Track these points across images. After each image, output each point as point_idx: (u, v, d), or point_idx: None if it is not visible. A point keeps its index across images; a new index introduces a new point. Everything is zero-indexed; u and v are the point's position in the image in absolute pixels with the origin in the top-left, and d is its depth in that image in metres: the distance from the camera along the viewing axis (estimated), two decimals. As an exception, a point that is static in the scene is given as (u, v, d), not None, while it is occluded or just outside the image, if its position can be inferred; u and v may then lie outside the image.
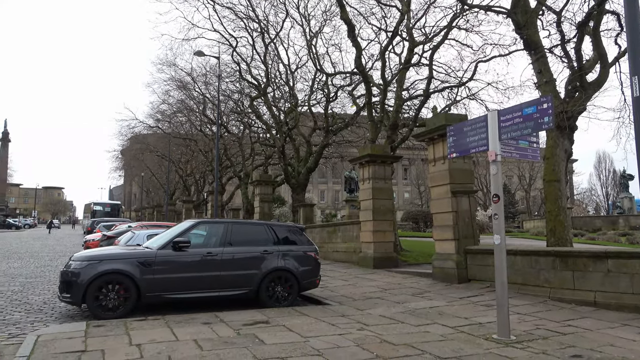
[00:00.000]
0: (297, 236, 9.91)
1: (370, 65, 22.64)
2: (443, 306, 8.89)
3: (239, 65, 27.04)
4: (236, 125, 36.21)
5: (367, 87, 19.64)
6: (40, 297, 10.09)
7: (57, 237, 42.42)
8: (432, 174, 12.95)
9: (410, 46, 18.64)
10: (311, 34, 23.63)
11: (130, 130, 47.29)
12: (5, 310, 8.55)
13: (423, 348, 5.99)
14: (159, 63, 35.27)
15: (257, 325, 7.20)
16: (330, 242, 19.32)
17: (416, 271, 13.97)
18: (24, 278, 13.07)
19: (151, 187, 66.39)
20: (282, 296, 9.15)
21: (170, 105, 40.27)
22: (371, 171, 15.94)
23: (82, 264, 8.07)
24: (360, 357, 5.61)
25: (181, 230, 9.09)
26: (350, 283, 12.19)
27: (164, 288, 8.29)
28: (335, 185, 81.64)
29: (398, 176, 76.67)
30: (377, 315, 8.07)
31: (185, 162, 48.54)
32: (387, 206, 15.96)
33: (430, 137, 12.73)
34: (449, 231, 12.08)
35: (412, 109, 22.25)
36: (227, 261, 8.86)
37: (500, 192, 6.88)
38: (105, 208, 54.31)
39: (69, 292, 7.91)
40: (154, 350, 5.79)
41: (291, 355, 5.63)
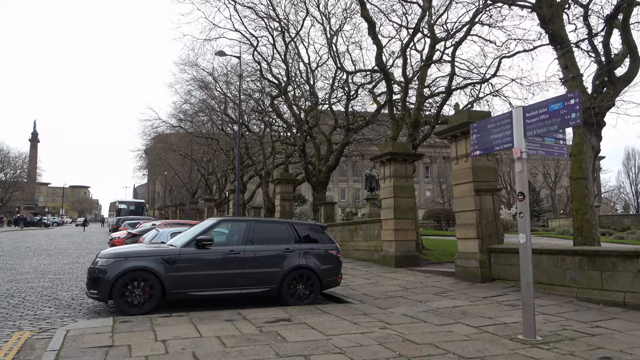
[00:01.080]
0: (318, 234, 9.92)
1: (391, 63, 22.50)
2: (466, 306, 8.78)
3: (259, 65, 27.21)
4: (257, 124, 36.45)
5: (388, 85, 19.51)
6: (69, 293, 10.36)
7: (84, 234, 43.48)
8: (455, 171, 12.80)
9: (432, 43, 18.43)
10: (331, 32, 23.62)
11: (153, 130, 48.15)
12: (36, 306, 8.81)
13: (446, 348, 5.93)
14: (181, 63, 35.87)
15: (280, 322, 7.24)
16: (351, 240, 19.28)
17: (438, 270, 13.84)
18: (53, 274, 13.43)
19: (174, 186, 67.41)
20: (304, 294, 9.18)
21: (192, 105, 40.81)
22: (392, 169, 15.83)
23: (108, 261, 8.24)
24: (382, 355, 5.59)
25: (204, 229, 9.20)
26: (372, 282, 12.15)
27: (187, 285, 8.41)
28: (356, 184, 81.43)
29: (419, 174, 76.03)
30: (399, 314, 8.02)
31: (207, 161, 49.13)
32: (408, 204, 15.84)
33: (452, 134, 12.58)
34: (472, 230, 11.92)
35: (434, 107, 22.00)
36: (249, 259, 8.93)
37: (526, 190, 6.76)
38: (130, 206, 55.39)
39: (96, 288, 8.09)
40: (179, 346, 5.88)
41: (313, 353, 5.65)
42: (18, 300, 9.28)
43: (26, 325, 7.29)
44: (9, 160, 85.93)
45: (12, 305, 8.77)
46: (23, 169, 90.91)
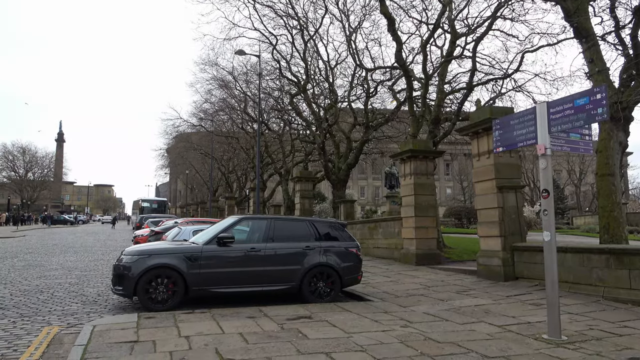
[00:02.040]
0: (338, 232, 9.92)
1: (411, 59, 22.29)
2: (489, 304, 8.67)
3: (278, 63, 27.30)
4: (276, 122, 36.61)
5: (407, 82, 19.35)
6: (95, 289, 10.60)
7: (108, 232, 44.40)
8: (477, 169, 12.63)
9: (453, 38, 18.20)
10: (350, 29, 23.52)
11: (174, 129, 48.84)
12: (64, 301, 9.05)
13: (469, 347, 5.87)
14: (202, 63, 36.08)
15: (300, 320, 7.27)
16: (371, 238, 19.23)
17: (460, 268, 13.69)
18: (79, 271, 13.76)
19: (195, 184, 68.26)
20: (324, 292, 9.19)
21: (212, 104, 41.22)
22: (413, 166, 15.72)
23: (133, 258, 8.41)
24: (404, 354, 5.56)
25: (225, 226, 9.29)
26: (392, 280, 12.10)
27: (209, 282, 8.51)
28: (375, 181, 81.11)
29: (440, 171, 75.24)
30: (420, 313, 7.97)
31: (227, 160, 49.59)
32: (429, 202, 15.71)
33: (474, 131, 12.42)
34: (494, 227, 11.76)
35: (455, 103, 21.74)
36: (270, 256, 8.99)
37: (550, 187, 6.63)
38: (152, 205, 56.33)
39: (121, 284, 8.26)
40: (202, 342, 5.96)
41: (335, 350, 5.66)
42: (47, 296, 9.55)
43: (55, 320, 7.49)
44: (36, 160, 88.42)
45: (41, 301, 9.03)
46: (50, 168, 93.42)
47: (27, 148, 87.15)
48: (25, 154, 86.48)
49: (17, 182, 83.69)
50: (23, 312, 7.99)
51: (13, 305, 8.61)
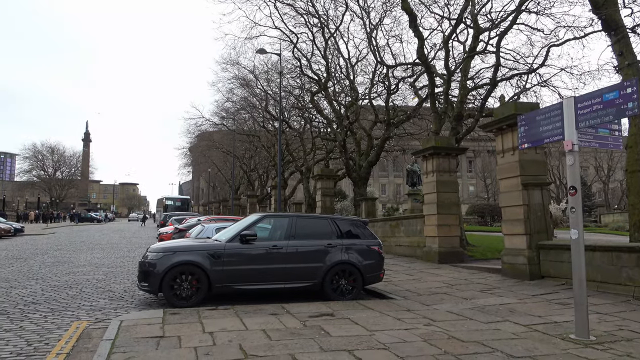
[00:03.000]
0: (360, 230, 9.90)
1: (433, 55, 22.03)
2: (514, 303, 8.53)
3: (299, 61, 27.35)
4: (297, 120, 36.71)
5: (429, 78, 19.14)
6: (121, 285, 10.84)
7: (133, 230, 45.29)
8: (501, 165, 12.42)
9: (475, 33, 17.91)
10: (371, 26, 23.37)
11: (197, 128, 49.51)
12: (92, 297, 9.28)
13: (494, 346, 5.78)
14: (223, 62, 36.50)
15: (323, 317, 7.28)
16: (392, 236, 19.12)
17: (484, 267, 13.50)
18: (106, 268, 14.08)
19: (217, 182, 69.07)
20: (346, 289, 9.19)
21: (234, 103, 41.60)
22: (435, 164, 15.56)
23: (158, 255, 8.56)
24: (427, 352, 5.52)
25: (248, 224, 9.36)
26: (415, 278, 12.01)
27: (232, 279, 8.60)
28: (397, 179, 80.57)
29: (462, 169, 74.30)
30: (443, 311, 7.90)
31: (249, 158, 50.00)
32: (452, 199, 15.53)
33: (498, 127, 12.20)
34: (519, 225, 11.55)
35: (478, 99, 21.41)
36: (292, 254, 9.03)
37: (578, 184, 6.47)
38: (176, 202, 57.20)
39: (147, 281, 8.42)
40: (225, 338, 6.03)
41: (357, 348, 5.65)
42: (75, 292, 9.80)
43: (83, 315, 7.69)
44: (64, 160, 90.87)
45: (70, 296, 9.28)
46: (77, 167, 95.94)
47: (56, 148, 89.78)
48: (54, 154, 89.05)
49: (46, 180, 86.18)
50: (53, 307, 8.23)
51: (44, 300, 8.88)
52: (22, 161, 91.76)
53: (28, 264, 14.88)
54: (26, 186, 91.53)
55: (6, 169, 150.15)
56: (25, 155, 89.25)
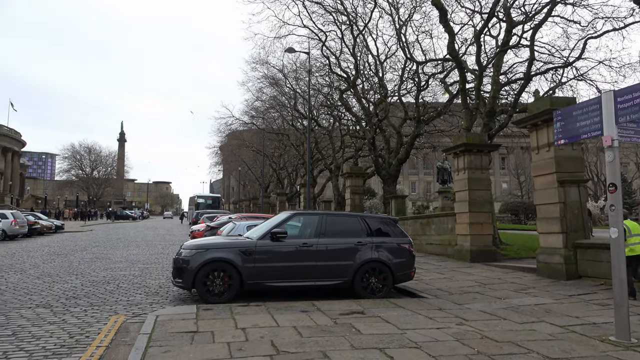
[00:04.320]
0: (390, 228, 9.83)
1: (464, 51, 21.65)
2: (550, 304, 8.31)
3: (328, 59, 27.35)
4: (326, 118, 36.74)
5: (460, 74, 18.81)
6: (156, 281, 11.13)
7: (167, 227, 46.39)
8: (536, 162, 12.10)
9: (508, 27, 17.48)
10: (400, 22, 23.14)
11: (227, 127, 50.24)
12: (128, 292, 9.58)
13: (529, 347, 5.66)
14: (252, 62, 36.70)
15: (353, 315, 7.29)
16: (423, 234, 18.92)
17: (518, 266, 13.20)
18: (141, 264, 14.49)
19: (247, 181, 69.92)
20: (377, 288, 9.16)
21: (263, 102, 42.00)
22: (467, 161, 15.30)
23: (191, 252, 8.75)
24: (460, 352, 5.45)
25: (278, 222, 9.45)
26: (446, 276, 11.86)
27: (263, 276, 8.70)
28: (427, 177, 79.55)
29: (495, 166, 72.68)
30: (476, 311, 7.77)
31: (278, 156, 50.41)
32: (484, 197, 15.24)
33: (533, 123, 11.89)
34: (555, 224, 11.24)
35: (511, 94, 20.90)
36: (322, 252, 9.05)
37: (617, 181, 6.25)
38: (207, 201, 58.11)
39: (180, 277, 8.62)
40: (257, 334, 6.12)
41: (388, 346, 5.63)
42: (113, 287, 10.13)
43: (121, 309, 7.95)
44: (101, 159, 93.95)
45: (108, 291, 9.60)
46: (113, 166, 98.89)
47: (92, 148, 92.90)
48: (91, 154, 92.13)
49: (84, 179, 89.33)
50: (93, 302, 8.53)
51: (84, 294, 9.22)
52: (62, 161, 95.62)
53: (68, 259, 15.47)
54: (65, 185, 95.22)
55: (47, 168, 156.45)
56: (64, 156, 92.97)
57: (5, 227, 24.26)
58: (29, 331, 6.42)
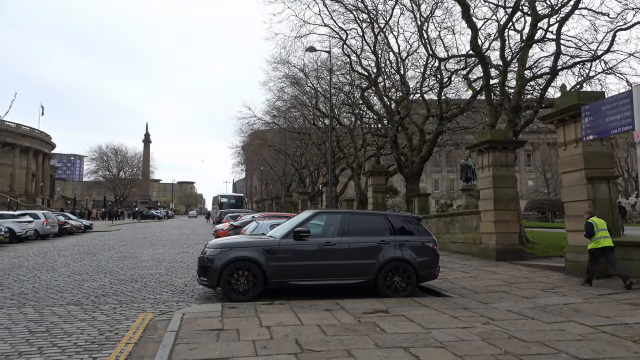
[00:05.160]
0: (414, 226, 9.76)
1: (487, 46, 21.29)
2: (579, 303, 8.12)
3: (349, 58, 27.27)
4: (347, 117, 36.66)
5: (484, 69, 18.51)
6: (182, 279, 11.32)
7: (191, 226, 47.08)
8: (563, 158, 11.83)
9: (533, 21, 17.10)
10: (422, 18, 22.90)
11: (249, 127, 50.70)
12: (155, 290, 9.76)
13: (558, 347, 5.54)
14: (274, 62, 36.93)
15: (377, 314, 7.27)
16: (447, 232, 18.72)
17: (545, 264, 12.94)
18: (167, 263, 14.75)
19: (269, 180, 70.34)
20: (401, 286, 9.10)
21: (284, 102, 42.17)
22: (491, 158, 15.06)
23: (215, 251, 8.86)
24: (487, 352, 5.38)
25: (301, 221, 9.48)
26: (471, 275, 11.70)
27: (287, 275, 8.75)
28: (450, 174, 78.63)
29: (520, 162, 71.24)
30: (503, 310, 7.65)
31: (300, 155, 50.56)
32: (509, 195, 14.98)
33: (560, 118, 11.61)
34: (584, 221, 10.94)
35: (537, 90, 20.48)
36: (345, 250, 9.05)
37: (650, 177, 6.06)
38: (230, 200, 58.79)
39: (206, 275, 8.74)
40: (282, 332, 6.16)
41: (413, 345, 5.60)
42: (140, 285, 10.35)
43: (148, 307, 8.11)
44: (127, 160, 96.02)
45: (136, 290, 9.81)
46: (138, 167, 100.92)
47: (119, 149, 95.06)
48: (117, 155, 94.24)
49: (111, 180, 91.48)
50: (121, 299, 8.74)
51: (113, 292, 9.44)
52: (90, 162, 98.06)
53: (97, 258, 15.86)
54: (93, 186, 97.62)
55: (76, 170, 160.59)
56: (92, 157, 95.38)
57: (38, 226, 25.04)
58: (61, 328, 6.61)
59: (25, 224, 23.92)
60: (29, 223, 24.24)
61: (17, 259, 15.74)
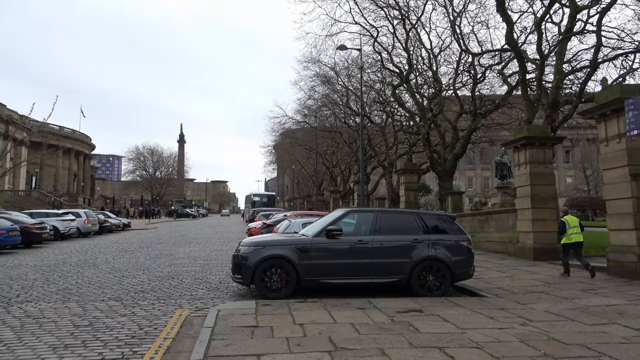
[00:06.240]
0: (448, 225, 9.61)
1: (523, 40, 20.70)
2: (623, 305, 7.81)
3: (380, 55, 27.07)
4: (379, 115, 36.42)
5: (520, 64, 18.02)
6: (217, 277, 11.54)
7: (225, 224, 47.89)
8: (605, 155, 11.38)
9: (572, 12, 16.52)
10: (454, 13, 22.48)
11: (281, 127, 51.07)
12: (191, 287, 10.00)
13: (600, 350, 5.35)
14: (304, 61, 37.08)
15: (411, 313, 7.21)
16: (482, 231, 18.34)
17: (586, 265, 12.47)
18: (202, 260, 15.06)
19: (301, 179, 70.72)
20: (434, 286, 8.98)
21: (315, 100, 42.28)
22: (528, 155, 14.65)
23: (249, 248, 8.98)
24: (525, 353, 5.24)
25: (333, 219, 9.49)
26: (508, 275, 11.43)
27: (319, 273, 8.78)
28: (484, 172, 76.93)
29: (558, 159, 68.95)
30: (541, 311, 7.44)
31: (331, 154, 50.61)
32: (547, 192, 14.54)
33: (601, 113, 11.17)
34: (628, 220, 10.52)
35: (576, 84, 19.77)
36: (377, 249, 9.00)
37: (701, 174, 5.77)
38: (262, 199, 59.40)
39: (240, 273, 8.88)
40: (315, 330, 6.20)
41: (448, 345, 5.53)
42: (177, 282, 10.61)
43: (185, 303, 8.31)
44: (162, 160, 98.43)
45: (173, 286, 10.07)
46: (173, 167, 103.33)
47: (155, 149, 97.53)
48: (154, 155, 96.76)
49: (147, 180, 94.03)
50: (159, 295, 8.99)
51: (151, 289, 9.72)
52: (127, 162, 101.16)
53: (135, 255, 16.37)
54: (131, 185, 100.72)
55: (114, 170, 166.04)
56: (129, 157, 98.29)
57: (80, 225, 26.08)
58: (103, 322, 6.87)
59: (68, 222, 24.97)
60: (72, 221, 25.29)
61: (61, 255, 16.44)
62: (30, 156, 54.45)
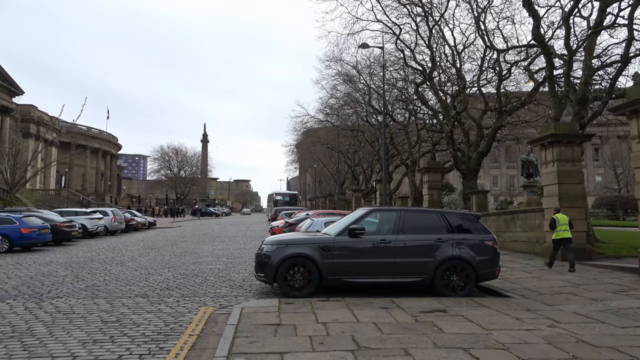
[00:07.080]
0: (472, 224, 9.46)
1: (551, 35, 20.24)
2: (656, 307, 7.55)
3: (402, 53, 26.84)
4: (401, 113, 36.15)
5: (547, 59, 17.60)
6: (240, 275, 11.65)
7: (247, 223, 48.32)
8: (636, 152, 11.03)
9: (602, 6, 16.04)
10: (479, 9, 22.12)
11: (303, 126, 51.24)
12: (215, 285, 10.12)
13: (632, 353, 5.19)
14: (326, 60, 37.11)
15: (434, 313, 7.13)
16: (507, 231, 18.01)
17: (617, 265, 12.15)
18: (226, 258, 15.23)
19: (323, 178, 70.87)
20: (459, 286, 8.86)
21: (337, 99, 42.24)
22: (555, 153, 14.31)
23: (272, 247, 9.04)
24: (553, 356, 5.13)
25: (356, 218, 9.47)
26: (534, 276, 11.20)
27: (342, 272, 8.76)
28: (510, 170, 75.53)
29: (587, 157, 67.18)
30: (569, 312, 7.26)
31: (353, 153, 50.49)
32: (576, 191, 14.18)
33: (633, 109, 10.84)
34: (661, 220, 10.17)
35: (606, 79, 19.21)
36: (400, 248, 8.92)
37: None
38: (285, 198, 59.65)
39: (263, 271, 8.94)
40: (338, 329, 6.19)
41: (473, 346, 5.44)
42: (201, 280, 10.76)
43: (209, 301, 8.42)
44: (187, 160, 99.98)
45: (197, 284, 10.21)
46: (197, 166, 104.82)
47: (179, 149, 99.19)
48: (178, 154, 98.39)
49: (172, 179, 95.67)
50: (184, 293, 9.13)
51: (176, 286, 9.89)
52: (152, 162, 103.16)
53: (161, 253, 16.66)
54: (156, 184, 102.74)
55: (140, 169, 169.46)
56: (154, 157, 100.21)
57: (107, 223, 26.71)
58: (130, 318, 7.02)
59: (96, 220, 25.61)
60: (99, 220, 25.93)
61: (89, 253, 16.87)
62: (60, 156, 56.07)
